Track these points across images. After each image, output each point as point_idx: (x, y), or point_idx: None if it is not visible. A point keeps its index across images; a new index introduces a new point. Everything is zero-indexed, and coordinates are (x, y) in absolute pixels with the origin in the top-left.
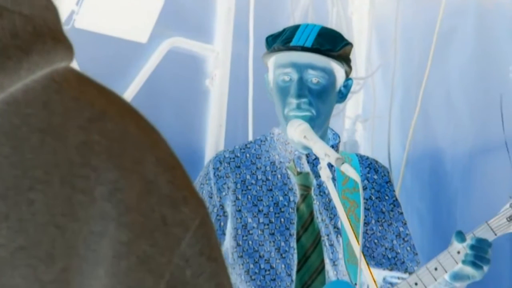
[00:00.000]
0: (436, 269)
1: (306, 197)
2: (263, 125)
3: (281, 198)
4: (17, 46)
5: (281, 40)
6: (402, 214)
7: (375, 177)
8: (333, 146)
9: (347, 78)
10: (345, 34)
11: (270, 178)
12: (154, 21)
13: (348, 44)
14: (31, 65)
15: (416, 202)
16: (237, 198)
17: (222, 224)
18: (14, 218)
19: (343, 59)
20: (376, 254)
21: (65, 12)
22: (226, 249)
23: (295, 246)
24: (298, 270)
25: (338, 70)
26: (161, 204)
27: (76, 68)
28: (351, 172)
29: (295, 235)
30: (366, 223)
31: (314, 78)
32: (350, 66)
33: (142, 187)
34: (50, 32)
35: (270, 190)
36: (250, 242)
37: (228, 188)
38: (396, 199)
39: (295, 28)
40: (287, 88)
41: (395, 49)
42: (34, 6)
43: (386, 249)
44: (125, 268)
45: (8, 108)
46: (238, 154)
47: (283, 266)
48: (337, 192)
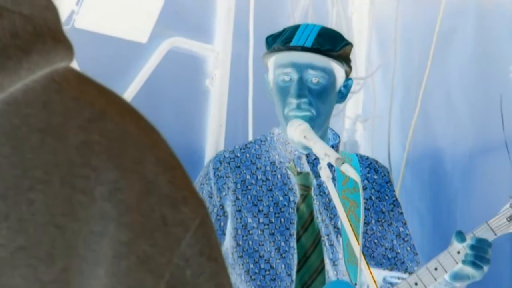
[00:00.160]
0: (436, 269)
1: (306, 197)
2: (263, 125)
3: (281, 198)
4: (17, 46)
5: (281, 40)
6: (402, 214)
7: (375, 177)
8: (333, 146)
9: (347, 78)
10: (345, 34)
11: (270, 178)
12: (154, 21)
13: (348, 44)
14: (31, 65)
15: (416, 202)
16: (237, 198)
17: (222, 224)
18: (14, 218)
19: (343, 59)
20: (376, 254)
21: (65, 12)
22: (226, 249)
23: (295, 246)
24: (298, 270)
25: (338, 70)
26: (161, 204)
27: (76, 68)
28: (351, 172)
29: (295, 235)
30: (366, 223)
31: (314, 78)
32: (350, 66)
33: (142, 187)
34: (50, 32)
35: (270, 190)
36: (250, 242)
37: (228, 188)
38: (396, 199)
39: (295, 28)
40: (287, 88)
41: (395, 49)
42: (34, 6)
43: (386, 249)
44: (125, 268)
45: (8, 108)
46: (238, 154)
47: (283, 266)
48: (337, 192)
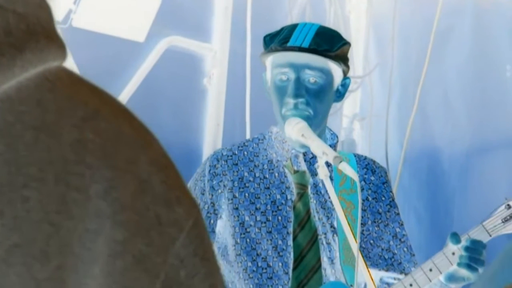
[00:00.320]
0: (431, 270)
1: (302, 195)
2: (261, 124)
3: (278, 196)
4: (10, 43)
5: (278, 40)
6: (398, 215)
7: (372, 178)
8: (331, 146)
9: (345, 77)
10: (342, 32)
11: (267, 176)
12: (151, 20)
13: (346, 43)
14: (25, 62)
15: (413, 200)
16: (234, 196)
17: (212, 221)
18: (9, 216)
19: (341, 59)
20: (372, 255)
21: (62, 11)
22: (225, 246)
23: (292, 244)
24: (294, 269)
25: (335, 69)
26: (155, 203)
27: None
28: (349, 170)
29: (292, 234)
30: (363, 224)
31: (311, 78)
32: (348, 66)
33: (136, 186)
34: (43, 30)
35: (268, 188)
36: (248, 240)
37: (224, 186)
38: (393, 200)
39: (293, 27)
40: (285, 87)
41: (393, 47)
42: (28, 5)
43: (382, 249)
44: (120, 267)
45: (1, 105)
46: (236, 152)
47: (280, 264)
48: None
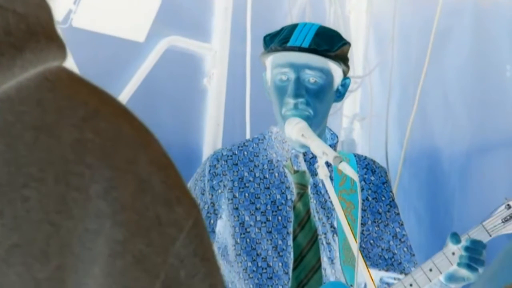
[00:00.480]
0: (431, 270)
1: (302, 195)
2: (261, 124)
3: (278, 196)
4: (10, 43)
5: (278, 40)
6: (398, 215)
7: (372, 178)
8: (331, 146)
9: (345, 77)
10: (342, 32)
11: (267, 176)
12: (151, 20)
13: (346, 43)
14: (25, 62)
15: (413, 200)
16: (234, 196)
17: (212, 221)
18: (9, 216)
19: (341, 59)
20: (372, 255)
21: (62, 11)
22: (225, 246)
23: (292, 244)
24: (294, 269)
25: (335, 69)
26: (155, 203)
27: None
28: (349, 170)
29: (292, 234)
30: (363, 224)
31: (311, 78)
32: (348, 66)
33: (136, 186)
34: (43, 30)
35: (268, 188)
36: (248, 240)
37: (224, 186)
38: (392, 200)
39: (293, 27)
40: (285, 87)
41: (393, 47)
42: (28, 4)
43: (382, 249)
44: (120, 267)
45: (1, 105)
46: (236, 152)
47: (280, 264)
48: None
